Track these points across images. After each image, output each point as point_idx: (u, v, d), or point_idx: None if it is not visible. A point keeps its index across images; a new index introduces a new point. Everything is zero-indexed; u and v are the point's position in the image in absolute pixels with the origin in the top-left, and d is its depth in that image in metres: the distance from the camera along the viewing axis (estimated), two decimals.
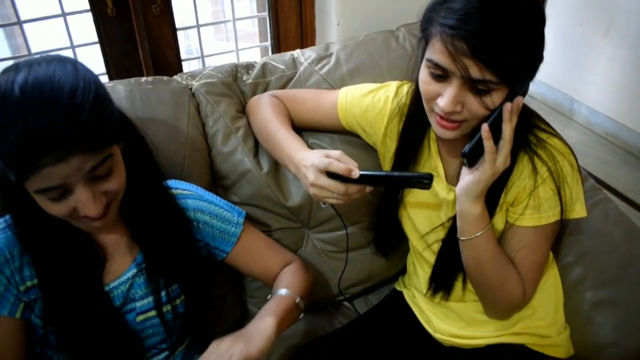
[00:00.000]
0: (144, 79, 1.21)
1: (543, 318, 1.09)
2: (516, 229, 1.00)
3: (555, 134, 0.99)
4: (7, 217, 0.89)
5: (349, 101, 1.14)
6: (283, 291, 0.99)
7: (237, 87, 1.27)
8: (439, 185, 1.06)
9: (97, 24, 1.35)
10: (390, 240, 1.25)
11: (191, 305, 0.99)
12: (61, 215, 0.80)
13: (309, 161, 0.95)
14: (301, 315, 1.01)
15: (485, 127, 0.87)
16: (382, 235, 1.24)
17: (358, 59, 1.30)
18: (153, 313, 0.96)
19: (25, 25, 1.36)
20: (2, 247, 0.86)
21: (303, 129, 1.21)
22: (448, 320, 1.14)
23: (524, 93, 0.89)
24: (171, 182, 1.01)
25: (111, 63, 1.41)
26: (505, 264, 1.00)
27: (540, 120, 1.01)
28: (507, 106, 0.86)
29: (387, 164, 1.14)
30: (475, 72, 0.83)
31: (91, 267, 0.91)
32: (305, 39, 1.58)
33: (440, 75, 0.88)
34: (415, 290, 1.22)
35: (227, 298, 1.26)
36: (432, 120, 0.95)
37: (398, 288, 1.29)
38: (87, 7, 1.36)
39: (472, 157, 0.91)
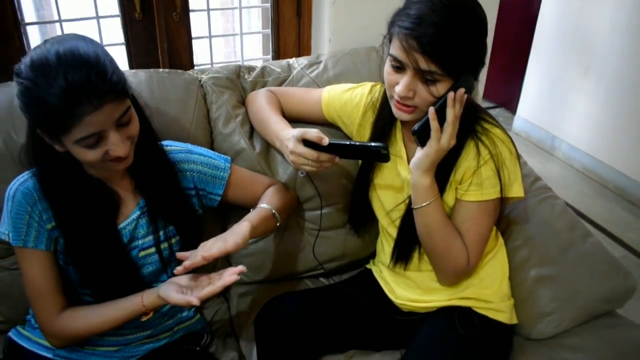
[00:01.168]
0: (161, 70, 1.43)
1: (489, 287, 1.25)
2: (462, 203, 1.18)
3: (498, 125, 1.18)
4: (30, 171, 1.07)
5: (331, 96, 1.35)
6: (262, 205, 1.21)
7: (239, 83, 1.49)
8: (401, 167, 1.25)
9: (124, 26, 1.60)
10: (363, 220, 1.43)
11: (185, 244, 1.17)
12: (95, 160, 0.98)
13: (290, 134, 1.16)
14: (278, 224, 1.22)
15: (431, 109, 1.07)
16: (355, 214, 1.43)
17: (343, 66, 1.52)
18: (153, 250, 1.15)
19: (63, 24, 1.60)
20: (32, 190, 1.05)
21: (292, 120, 1.39)
22: (408, 289, 1.30)
23: (468, 89, 1.08)
24: (166, 142, 1.20)
25: (134, 60, 1.65)
26: (451, 232, 1.17)
27: (486, 114, 1.21)
28: (451, 94, 1.06)
29: None
30: (423, 64, 1.03)
31: (108, 209, 1.10)
32: (302, 52, 1.82)
33: (398, 67, 1.08)
34: (382, 266, 1.39)
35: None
36: (392, 105, 1.14)
37: (368, 267, 1.46)
38: (117, 12, 1.61)
39: (422, 136, 1.10)
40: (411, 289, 1.31)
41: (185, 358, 1.22)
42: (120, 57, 1.64)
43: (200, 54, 1.77)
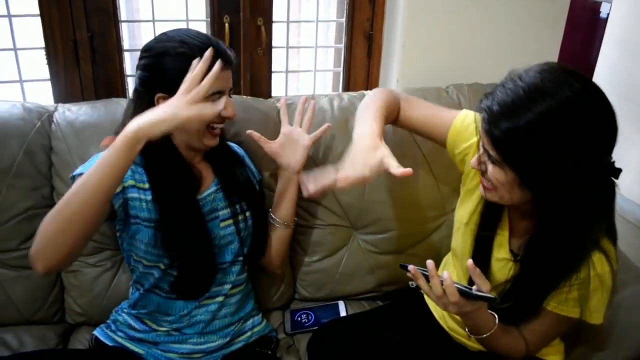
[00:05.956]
0: (245, 96, 1.59)
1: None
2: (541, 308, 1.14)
3: (609, 253, 1.07)
4: None
5: (463, 126, 1.24)
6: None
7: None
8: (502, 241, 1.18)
9: None
10: None
11: (256, 219, 1.34)
12: (212, 116, 1.04)
13: (384, 146, 1.12)
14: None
15: (412, 267, 1.05)
16: None
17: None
18: (230, 222, 1.29)
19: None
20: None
21: (405, 128, 1.37)
22: (460, 322, 1.29)
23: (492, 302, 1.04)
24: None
25: None
26: (510, 343, 1.15)
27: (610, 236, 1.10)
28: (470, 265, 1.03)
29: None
30: (487, 144, 0.99)
31: (192, 183, 1.23)
32: (370, 89, 1.95)
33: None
34: None
35: None
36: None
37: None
38: None
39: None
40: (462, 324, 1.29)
41: None
42: None
43: (275, 86, 1.92)
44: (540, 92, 0.93)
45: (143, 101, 1.16)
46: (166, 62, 1.13)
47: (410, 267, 1.05)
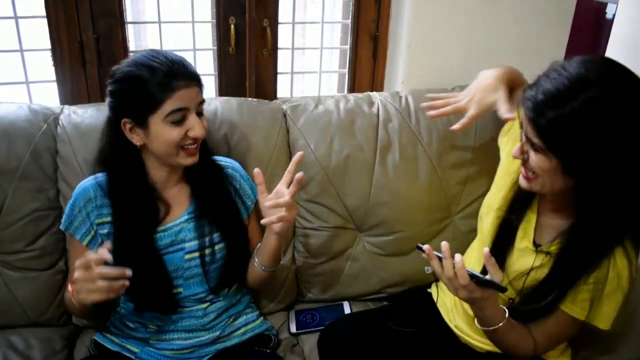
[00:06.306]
0: (250, 99, 1.59)
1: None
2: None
3: (630, 257, 1.07)
4: (97, 175, 1.24)
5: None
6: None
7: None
8: (526, 233, 1.19)
9: (218, 59, 1.78)
10: None
11: (230, 252, 1.27)
12: (176, 139, 1.13)
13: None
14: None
15: (427, 247, 1.07)
16: None
17: (421, 100, 1.56)
18: (197, 254, 1.24)
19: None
20: (89, 188, 1.22)
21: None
22: (467, 319, 1.30)
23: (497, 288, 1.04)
24: (217, 157, 1.34)
25: (224, 90, 1.82)
26: (518, 339, 1.14)
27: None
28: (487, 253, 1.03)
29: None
30: (530, 132, 1.01)
31: (153, 213, 1.22)
32: (375, 91, 1.94)
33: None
34: (441, 290, 1.41)
35: None
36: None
37: (430, 290, 1.46)
38: (211, 46, 1.80)
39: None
40: (472, 327, 1.29)
41: (256, 359, 1.31)
42: (208, 87, 1.80)
43: (280, 87, 1.92)
44: (584, 80, 0.96)
45: (114, 128, 1.18)
46: (126, 87, 1.13)
47: (426, 247, 1.07)
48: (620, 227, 1.06)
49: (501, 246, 1.20)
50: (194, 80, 1.15)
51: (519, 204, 1.21)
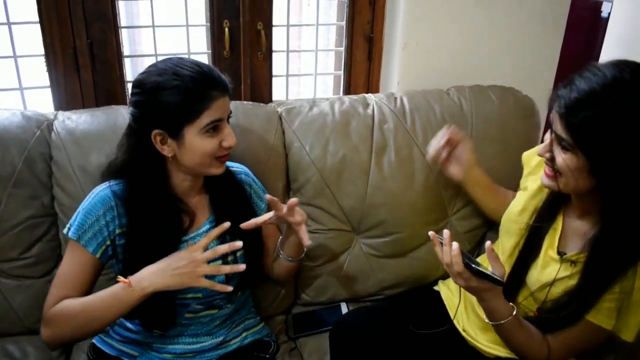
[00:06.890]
0: (246, 102, 1.58)
1: None
2: None
3: None
4: (109, 182, 1.18)
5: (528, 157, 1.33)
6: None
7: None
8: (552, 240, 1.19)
9: (213, 62, 1.77)
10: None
11: (249, 258, 1.25)
12: (211, 150, 1.12)
13: None
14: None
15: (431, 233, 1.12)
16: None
17: (417, 101, 1.61)
18: (219, 262, 1.21)
19: (158, 58, 1.78)
20: (109, 196, 1.16)
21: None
22: (477, 322, 1.30)
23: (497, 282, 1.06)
24: (228, 163, 1.28)
25: None
26: (528, 338, 1.14)
27: None
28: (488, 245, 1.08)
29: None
30: (559, 128, 1.02)
31: (178, 224, 1.19)
32: (370, 93, 1.94)
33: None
34: (449, 291, 1.41)
35: None
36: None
37: (436, 288, 1.47)
38: (206, 49, 1.79)
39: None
40: (479, 330, 1.30)
41: None
42: None
43: (276, 90, 1.91)
44: (619, 82, 0.97)
45: (139, 138, 1.14)
46: (160, 98, 1.08)
47: (431, 233, 1.13)
48: None
49: (529, 253, 1.21)
50: (226, 89, 1.13)
51: (547, 212, 1.21)
